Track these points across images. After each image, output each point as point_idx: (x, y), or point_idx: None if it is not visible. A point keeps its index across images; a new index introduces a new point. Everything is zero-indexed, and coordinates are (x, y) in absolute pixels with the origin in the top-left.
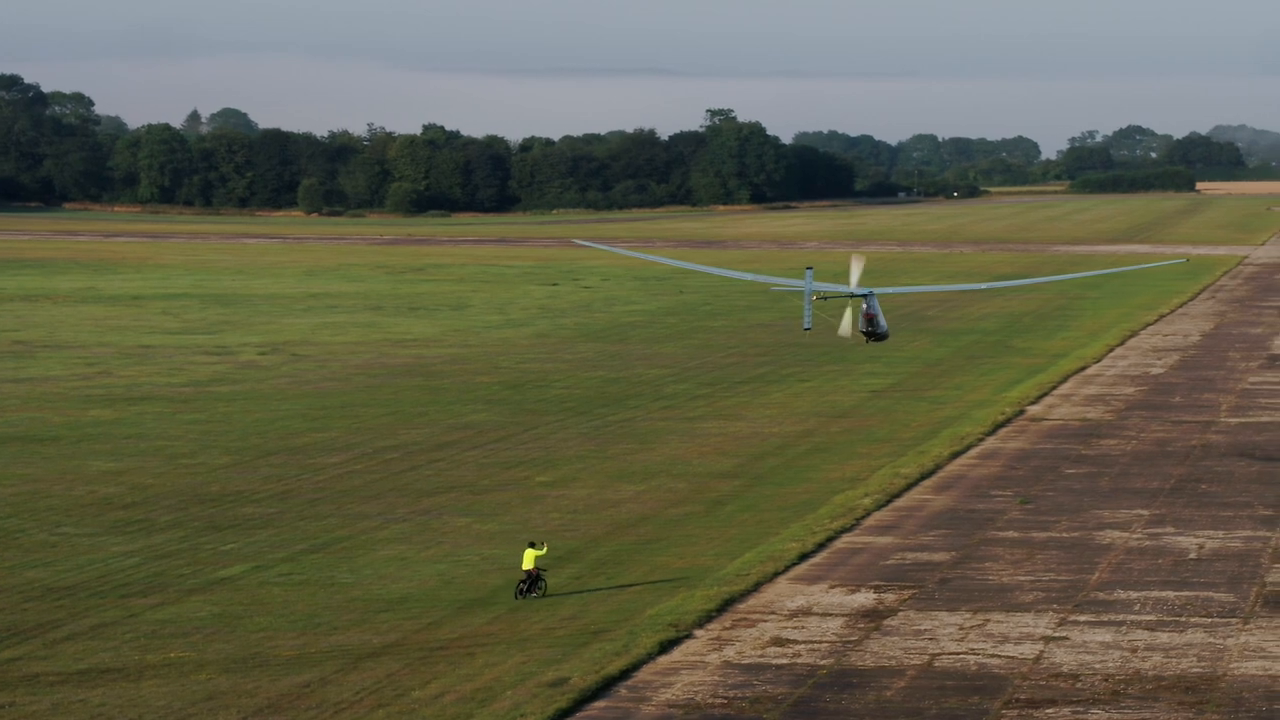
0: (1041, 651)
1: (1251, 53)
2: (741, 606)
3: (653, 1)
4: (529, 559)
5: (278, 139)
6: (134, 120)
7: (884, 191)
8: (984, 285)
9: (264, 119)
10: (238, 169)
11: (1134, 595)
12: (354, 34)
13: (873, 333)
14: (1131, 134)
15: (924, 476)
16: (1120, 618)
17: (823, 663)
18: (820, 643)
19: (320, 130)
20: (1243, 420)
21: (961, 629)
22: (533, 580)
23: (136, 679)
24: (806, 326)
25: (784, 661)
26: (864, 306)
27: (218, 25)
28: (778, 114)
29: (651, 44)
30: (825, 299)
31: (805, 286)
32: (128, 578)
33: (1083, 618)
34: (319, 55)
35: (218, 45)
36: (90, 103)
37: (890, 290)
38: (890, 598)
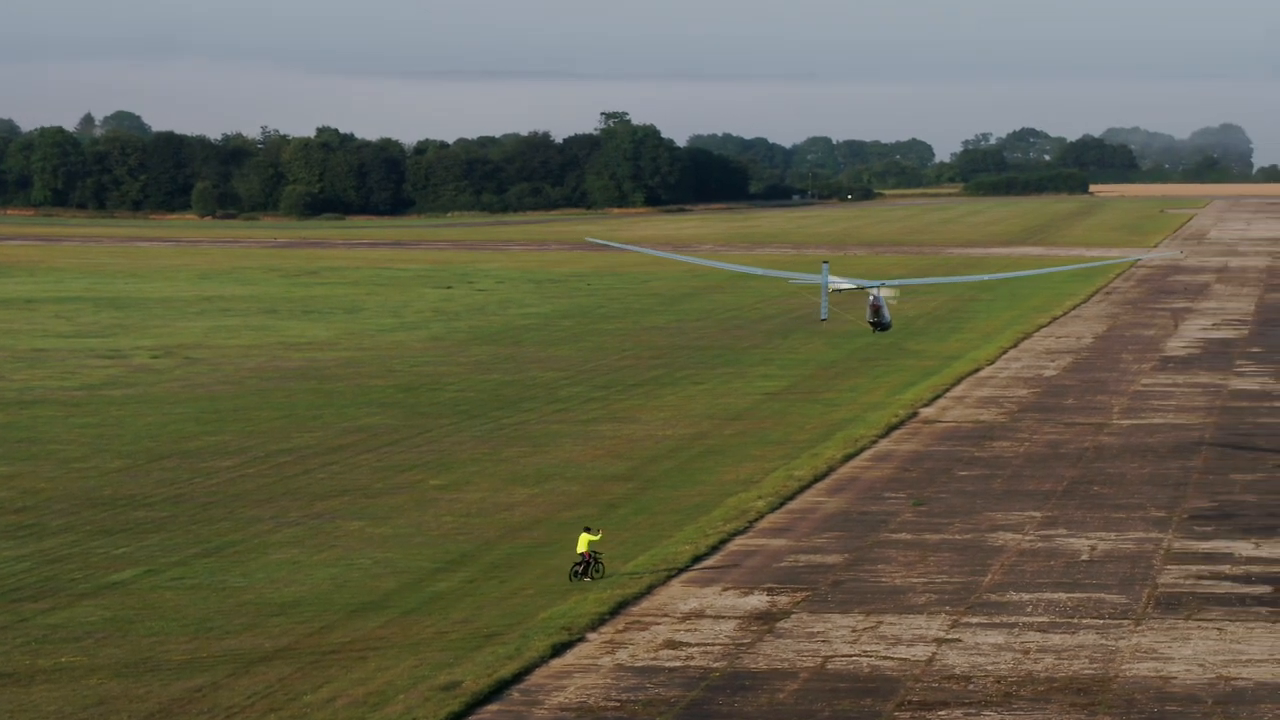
0: (934, 653)
1: (1144, 56)
2: (634, 609)
3: (546, 3)
4: (583, 543)
5: (171, 142)
6: (26, 123)
7: (778, 194)
8: (990, 276)
9: (158, 122)
10: (131, 172)
11: (1026, 597)
12: (248, 36)
13: (878, 322)
14: (1025, 136)
15: (817, 479)
16: (1013, 619)
17: (716, 665)
18: (713, 645)
19: (214, 133)
20: (1135, 422)
21: (854, 631)
22: (588, 563)
23: (27, 684)
24: (823, 317)
25: (677, 664)
26: (870, 299)
27: (109, 27)
28: (672, 116)
29: (546, 46)
30: (840, 292)
31: (822, 281)
32: (19, 582)
33: (975, 620)
34: (212, 58)
35: (110, 47)
36: None
37: (899, 283)
38: (783, 600)
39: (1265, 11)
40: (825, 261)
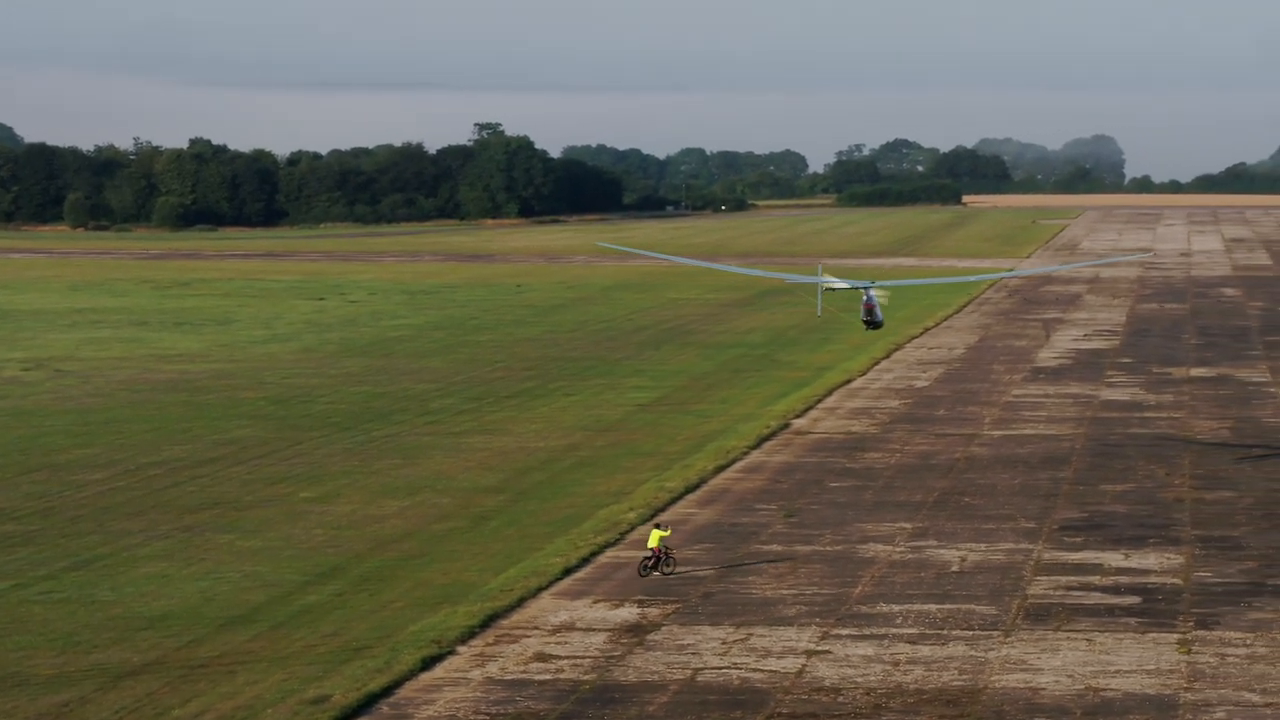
0: (804, 665)
1: (1017, 67)
2: (505, 622)
3: (418, 14)
4: (654, 538)
5: (43, 153)
6: None
7: (652, 205)
8: (985, 277)
9: (30, 133)
10: (2, 183)
11: (896, 608)
12: (120, 48)
13: (870, 321)
14: (898, 147)
15: (689, 490)
16: (882, 631)
17: (586, 678)
18: (583, 658)
19: (86, 144)
20: (1006, 433)
21: (724, 643)
22: (658, 558)
23: None
24: (819, 314)
25: (547, 677)
26: (864, 298)
27: None
28: (546, 128)
29: (419, 57)
30: (833, 291)
31: (817, 281)
32: None
33: (845, 631)
34: (85, 69)
35: None
36: None
37: (891, 284)
38: (654, 612)
39: (1138, 23)
40: (821, 264)
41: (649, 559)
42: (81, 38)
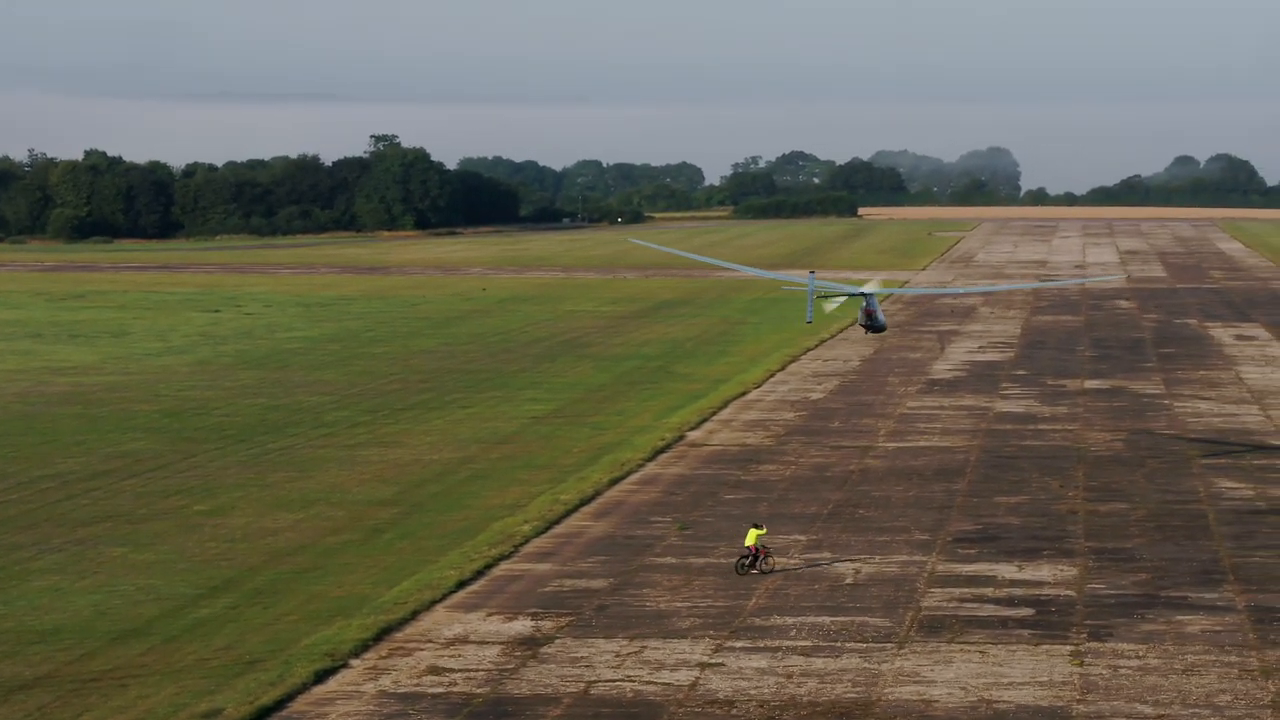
0: (697, 678)
1: (913, 79)
2: (398, 635)
3: (314, 24)
4: (751, 537)
5: None
6: None
7: (549, 217)
8: (971, 289)
9: None
10: None
11: (790, 621)
12: (11, 57)
13: (870, 325)
14: (794, 160)
15: (584, 503)
16: (776, 644)
17: (479, 691)
18: (477, 671)
19: None
20: (901, 445)
21: (618, 656)
22: (755, 556)
23: None
24: (808, 320)
25: (440, 690)
26: (864, 304)
27: None
28: (442, 140)
29: (314, 68)
30: (826, 297)
31: (809, 286)
32: None
33: (739, 644)
34: None
35: None
36: None
37: (885, 292)
38: (548, 625)
39: (1032, 36)
40: (811, 271)
41: (746, 556)
42: None
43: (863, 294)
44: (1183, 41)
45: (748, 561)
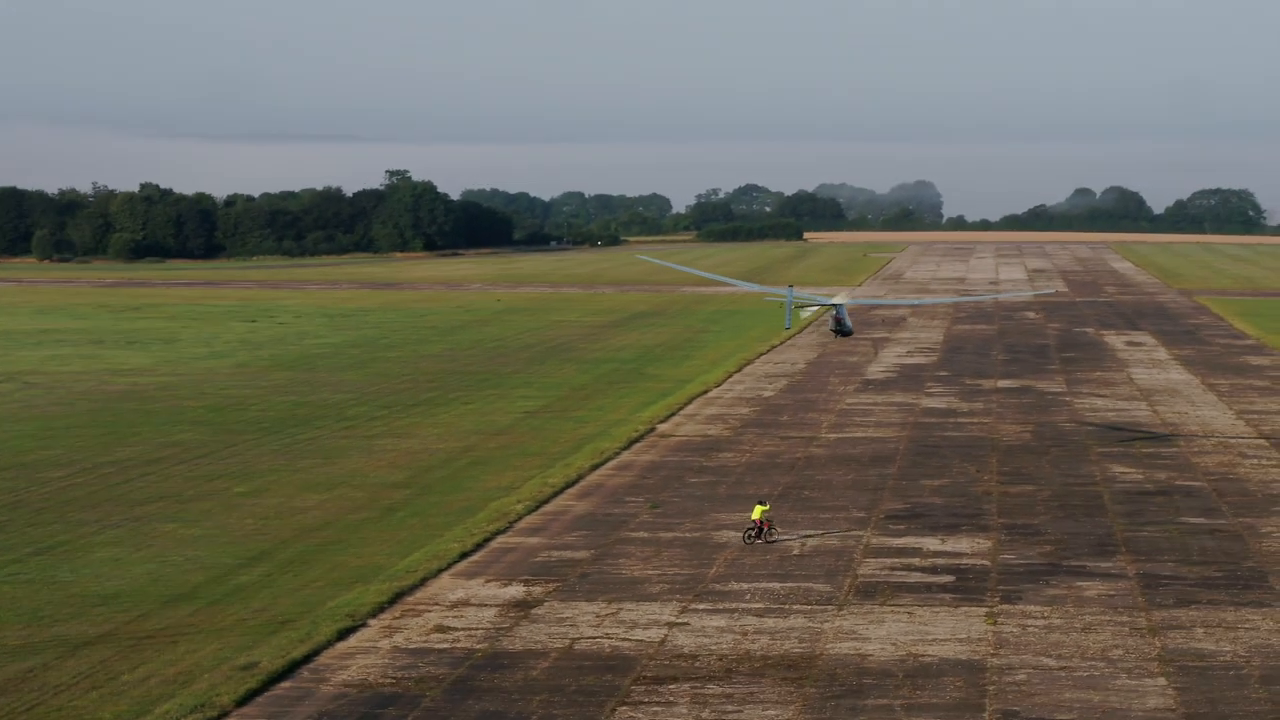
0: (666, 635)
1: (850, 122)
2: (410, 599)
3: (339, 76)
4: (757, 512)
5: (14, 196)
6: None
7: (538, 240)
8: (939, 300)
9: (2, 178)
10: None
11: (745, 586)
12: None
13: (839, 330)
14: (749, 191)
15: (568, 485)
16: (733, 606)
17: (479, 647)
18: (477, 629)
19: (51, 188)
20: (840, 435)
21: (598, 617)
22: (760, 529)
23: None
24: (787, 326)
25: (445, 646)
26: (833, 312)
27: None
28: (447, 174)
29: (339, 113)
30: (802, 307)
31: (787, 298)
32: None
33: (701, 606)
34: (51, 123)
35: None
36: None
37: (854, 303)
38: (538, 590)
39: (955, 83)
40: (790, 286)
41: (752, 529)
42: (45, 96)
43: (834, 304)
44: (1084, 88)
45: (754, 533)
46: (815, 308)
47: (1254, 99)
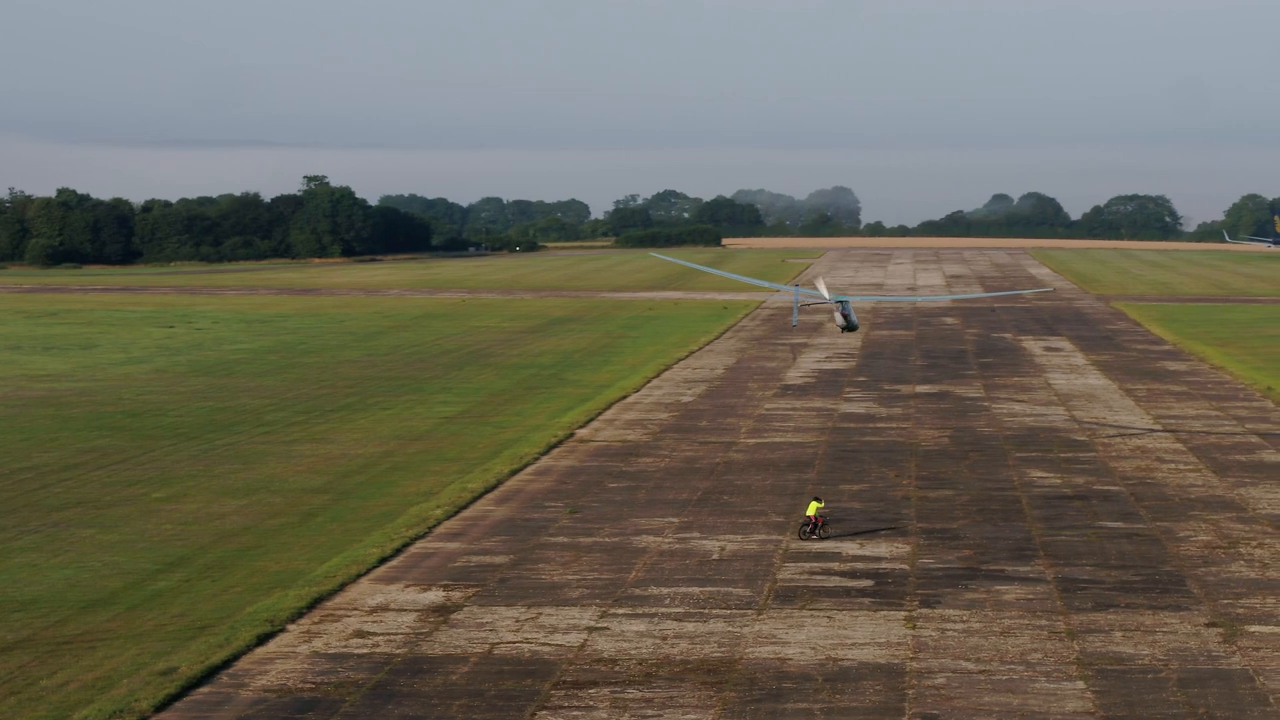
0: (586, 640)
1: (769, 127)
2: (329, 604)
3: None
4: (812, 508)
5: None
6: None
7: (457, 246)
8: (936, 299)
9: None
10: None
11: (665, 591)
12: None
13: (845, 326)
14: (668, 197)
15: (488, 490)
16: (653, 610)
17: (398, 652)
18: (396, 634)
19: None
20: (759, 441)
21: (518, 621)
22: (814, 524)
23: None
24: (794, 324)
25: (365, 651)
26: (840, 308)
27: None
28: (365, 179)
29: (255, 118)
30: (807, 305)
31: (794, 296)
32: None
33: (621, 611)
34: None
35: None
36: None
37: (858, 299)
38: (457, 595)
39: (872, 88)
40: (797, 285)
41: (806, 524)
42: None
43: (839, 300)
44: (1000, 96)
45: (808, 529)
46: (808, 304)
47: (1170, 107)
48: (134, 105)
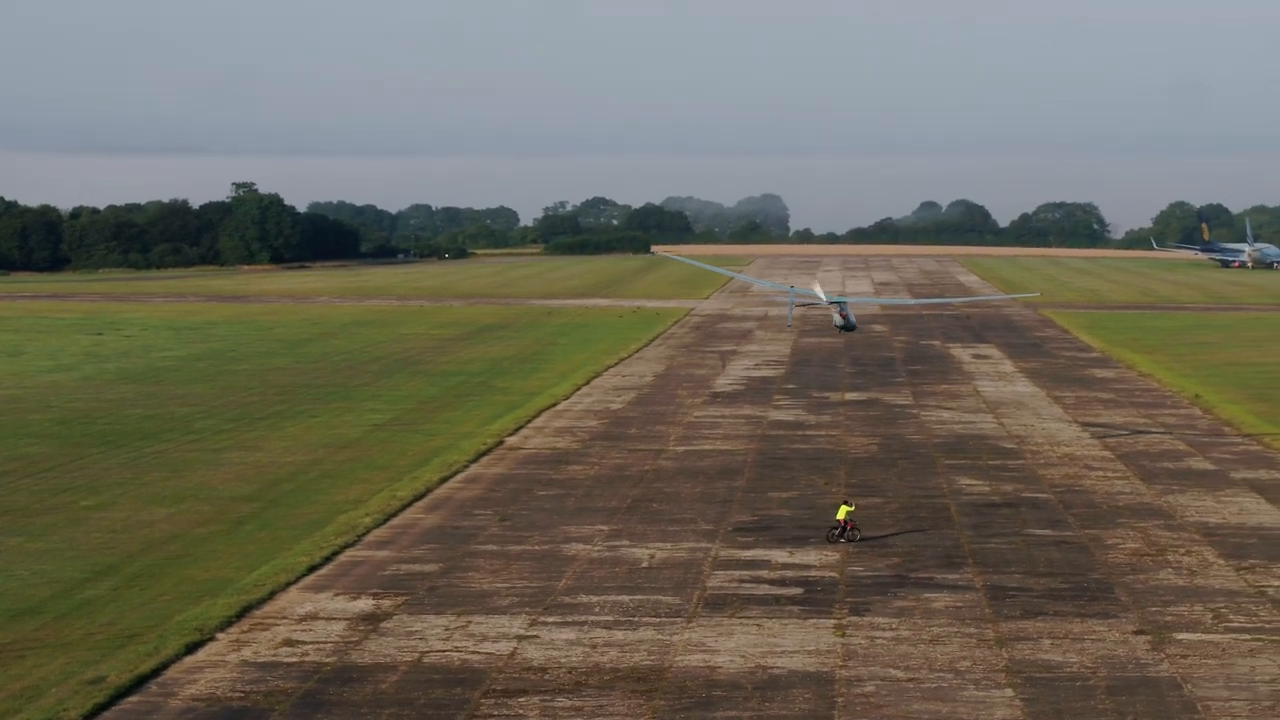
0: (515, 648)
1: (696, 136)
2: (258, 613)
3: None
4: (842, 512)
5: None
6: None
7: (386, 253)
8: (933, 300)
9: None
10: None
11: (595, 599)
12: None
13: (845, 326)
14: (597, 204)
15: (417, 498)
16: (583, 618)
17: (327, 660)
18: (325, 643)
19: None
20: (689, 448)
21: (447, 630)
22: (844, 529)
23: None
24: (789, 325)
25: (294, 660)
26: (838, 309)
27: None
28: (294, 186)
29: (184, 125)
30: (806, 305)
31: (790, 297)
32: None
33: (551, 619)
34: None
35: None
36: None
37: (855, 300)
38: (387, 603)
39: (802, 95)
40: (792, 286)
41: (836, 528)
42: None
43: (836, 301)
44: (928, 103)
45: (837, 532)
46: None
47: (1098, 114)
48: (61, 111)
